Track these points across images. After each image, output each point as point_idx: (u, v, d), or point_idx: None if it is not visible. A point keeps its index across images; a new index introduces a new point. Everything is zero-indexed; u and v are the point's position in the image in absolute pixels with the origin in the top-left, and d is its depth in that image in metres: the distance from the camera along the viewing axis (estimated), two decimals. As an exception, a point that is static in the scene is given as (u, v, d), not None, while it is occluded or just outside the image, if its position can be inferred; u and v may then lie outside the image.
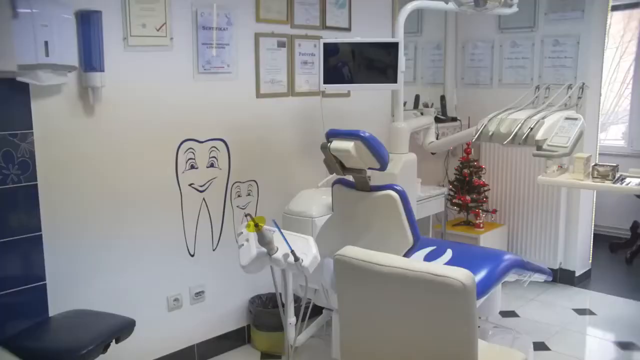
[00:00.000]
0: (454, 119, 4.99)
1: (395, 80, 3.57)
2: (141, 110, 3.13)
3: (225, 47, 3.44)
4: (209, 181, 3.47)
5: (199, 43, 3.30)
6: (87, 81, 2.84)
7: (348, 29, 4.11)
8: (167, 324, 3.39)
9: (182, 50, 3.25)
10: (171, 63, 3.22)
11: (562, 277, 4.83)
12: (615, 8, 5.36)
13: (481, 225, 4.74)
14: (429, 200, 4.36)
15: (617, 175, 3.33)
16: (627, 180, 3.28)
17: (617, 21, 6.00)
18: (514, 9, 3.89)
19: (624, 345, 3.85)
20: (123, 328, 2.59)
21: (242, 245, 2.66)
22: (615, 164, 3.35)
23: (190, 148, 3.37)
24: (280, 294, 2.85)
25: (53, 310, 2.77)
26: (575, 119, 3.46)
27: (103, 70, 2.86)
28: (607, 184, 3.28)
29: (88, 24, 2.78)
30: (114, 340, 2.53)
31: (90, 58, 2.81)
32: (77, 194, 2.94)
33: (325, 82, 3.54)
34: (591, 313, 4.35)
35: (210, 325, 3.61)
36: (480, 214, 4.76)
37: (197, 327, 3.54)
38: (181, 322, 3.45)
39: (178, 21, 3.21)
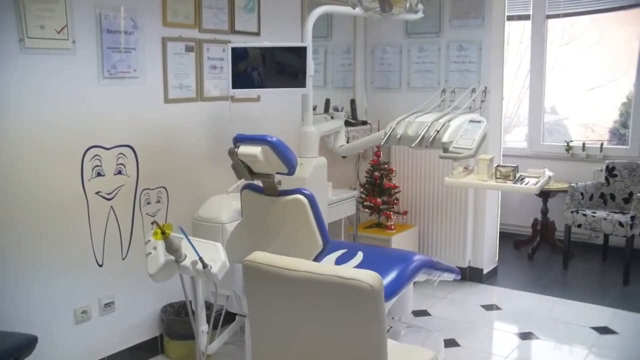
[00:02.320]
0: (364, 123, 5.07)
1: (304, 85, 3.59)
2: (42, 116, 3.01)
3: (131, 51, 3.36)
4: (116, 189, 3.38)
5: (103, 47, 3.21)
6: (-22, 85, 2.70)
7: (257, 34, 4.10)
8: (74, 338, 3.26)
9: (86, 54, 3.15)
10: (74, 67, 3.11)
11: (471, 275, 4.99)
12: (510, 18, 5.62)
13: (392, 227, 4.83)
14: (341, 204, 4.41)
15: (518, 175, 3.47)
16: (526, 180, 3.42)
17: (515, 30, 6.29)
18: (420, 14, 3.99)
19: (524, 336, 4.05)
20: (22, 346, 2.46)
21: (150, 253, 2.60)
22: (515, 165, 3.49)
23: (97, 155, 3.27)
24: (191, 302, 2.81)
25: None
26: (479, 121, 3.58)
27: (-4, 74, 2.73)
28: (509, 184, 3.41)
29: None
30: (12, 360, 2.42)
31: (-19, 60, 2.68)
32: (-27, 205, 2.80)
33: (234, 87, 3.53)
34: (497, 308, 4.52)
35: (122, 337, 3.51)
36: (392, 216, 4.85)
37: (107, 339, 3.43)
38: (90, 334, 3.34)
39: (80, 24, 3.10)
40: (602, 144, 5.83)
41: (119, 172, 3.39)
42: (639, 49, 5.55)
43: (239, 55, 3.55)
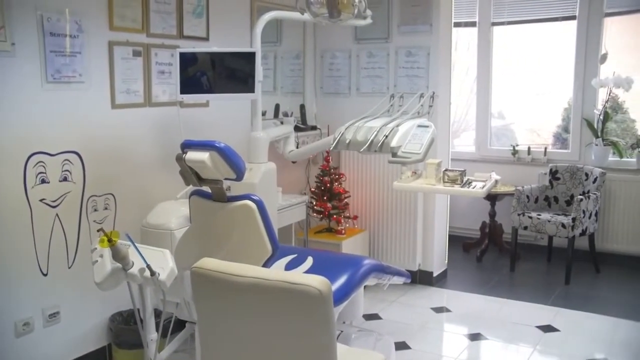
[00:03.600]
0: (314, 128, 5.09)
1: (253, 90, 3.58)
2: (-20, 122, 2.93)
3: (76, 55, 3.30)
4: (62, 196, 3.31)
5: (46, 50, 3.14)
6: None
7: (206, 39, 4.08)
8: (15, 352, 3.15)
9: (28, 57, 3.07)
10: (14, 70, 3.02)
11: (421, 278, 5.05)
12: (457, 25, 5.74)
13: (343, 231, 4.85)
14: (291, 209, 4.41)
15: (465, 179, 3.53)
16: (474, 184, 3.48)
17: (463, 36, 6.41)
18: (368, 20, 4.03)
19: (473, 337, 4.13)
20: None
21: (96, 261, 2.56)
22: (463, 169, 3.55)
23: (41, 161, 3.19)
24: (139, 310, 2.77)
25: None
26: (427, 126, 3.61)
27: None
28: (456, 188, 3.47)
29: None
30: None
31: None
32: None
33: (182, 92, 3.50)
34: (447, 310, 4.59)
35: (68, 348, 3.43)
36: (342, 221, 4.87)
37: (52, 351, 3.34)
38: (33, 347, 3.24)
39: (20, 26, 3.02)
40: (545, 148, 5.99)
41: (65, 179, 3.32)
42: (575, 58, 5.74)
43: (187, 60, 3.52)
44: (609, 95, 5.63)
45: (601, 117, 5.65)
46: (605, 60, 5.60)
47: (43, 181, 3.21)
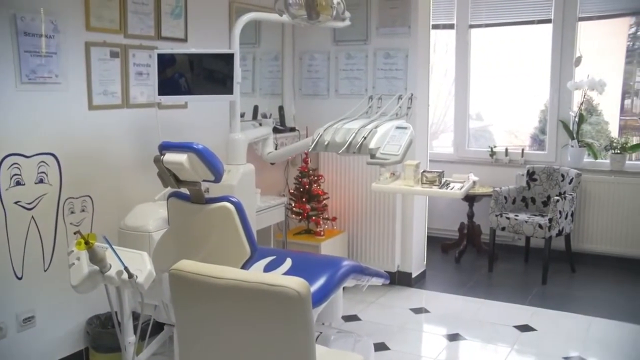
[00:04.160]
0: (292, 129, 5.09)
1: (231, 92, 3.58)
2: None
3: (52, 55, 3.26)
4: (38, 198, 3.27)
5: (20, 50, 3.10)
6: None
7: (184, 40, 4.06)
8: (-12, 357, 3.13)
9: (1, 57, 3.03)
10: (-13, 71, 2.99)
11: (400, 279, 5.07)
12: (435, 27, 5.78)
13: (322, 233, 4.85)
14: (269, 210, 4.41)
15: (443, 180, 3.55)
16: (452, 185, 3.51)
17: (441, 38, 6.45)
18: (347, 22, 4.04)
19: (452, 337, 4.15)
20: None
21: (73, 264, 2.52)
22: (441, 170, 3.57)
23: (15, 163, 3.15)
24: (117, 313, 2.74)
25: None
26: (405, 127, 3.63)
27: None
28: (434, 189, 3.49)
29: None
30: None
31: None
32: None
33: (160, 94, 3.48)
34: (426, 311, 4.61)
35: (43, 352, 3.39)
36: (321, 222, 4.88)
37: (26, 356, 3.30)
38: (6, 353, 3.19)
39: (-8, 25, 2.99)
40: (523, 150, 6.05)
41: (41, 181, 3.28)
42: (551, 61, 5.81)
43: (165, 61, 3.51)
44: (584, 97, 5.70)
45: (576, 119, 5.72)
46: (579, 63, 5.68)
47: (18, 183, 3.17)
